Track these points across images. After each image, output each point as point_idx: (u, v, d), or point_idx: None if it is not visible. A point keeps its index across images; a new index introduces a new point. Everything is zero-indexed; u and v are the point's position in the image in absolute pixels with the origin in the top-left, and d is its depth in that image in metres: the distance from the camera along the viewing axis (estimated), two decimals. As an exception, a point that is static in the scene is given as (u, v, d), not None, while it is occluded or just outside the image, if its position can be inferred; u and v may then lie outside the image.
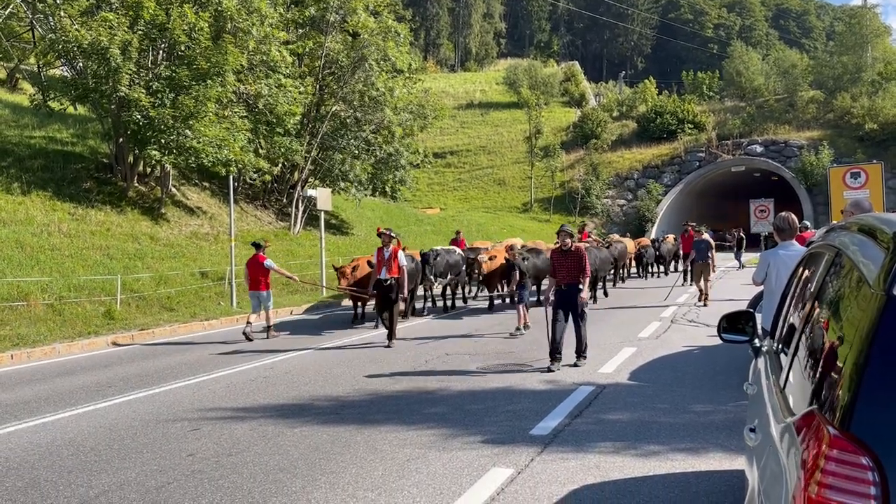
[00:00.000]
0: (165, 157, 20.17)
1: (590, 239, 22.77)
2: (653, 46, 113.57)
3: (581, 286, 9.76)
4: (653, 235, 36.63)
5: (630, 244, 26.04)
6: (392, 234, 12.45)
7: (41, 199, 19.32)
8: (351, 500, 5.11)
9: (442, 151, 54.12)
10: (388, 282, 12.10)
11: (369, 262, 13.41)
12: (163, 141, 19.72)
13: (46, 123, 24.38)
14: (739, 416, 6.52)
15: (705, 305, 16.54)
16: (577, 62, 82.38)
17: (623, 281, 24.26)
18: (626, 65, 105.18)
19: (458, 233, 24.12)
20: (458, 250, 17.76)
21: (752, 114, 51.78)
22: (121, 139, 21.33)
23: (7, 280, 14.42)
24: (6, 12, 26.50)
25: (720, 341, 4.32)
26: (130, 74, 19.20)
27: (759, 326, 4.56)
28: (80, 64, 20.40)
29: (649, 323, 14.06)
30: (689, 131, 50.84)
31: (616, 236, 28.79)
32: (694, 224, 21.30)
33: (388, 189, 33.30)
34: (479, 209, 46.28)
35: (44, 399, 8.67)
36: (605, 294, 19.76)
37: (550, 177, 49.45)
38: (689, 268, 20.18)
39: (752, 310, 5.00)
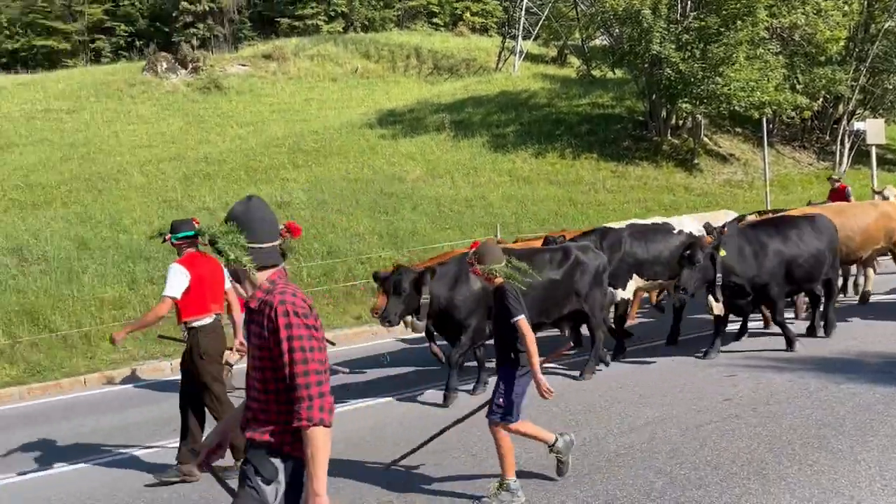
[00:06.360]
0: (696, 108, 20.48)
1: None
2: None
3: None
4: None
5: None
6: None
7: (588, 161, 21.67)
8: (909, 469, 4.54)
9: None
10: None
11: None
12: (693, 92, 20.04)
13: (590, 91, 27.01)
14: None
15: None
16: None
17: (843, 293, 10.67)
18: None
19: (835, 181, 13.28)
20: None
21: None
22: (654, 96, 22.38)
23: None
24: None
25: None
26: (661, 32, 19.92)
27: None
28: (617, 31, 22.01)
29: None
30: None
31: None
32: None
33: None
34: None
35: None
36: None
37: None
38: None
39: None
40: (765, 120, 18.91)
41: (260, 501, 2.60)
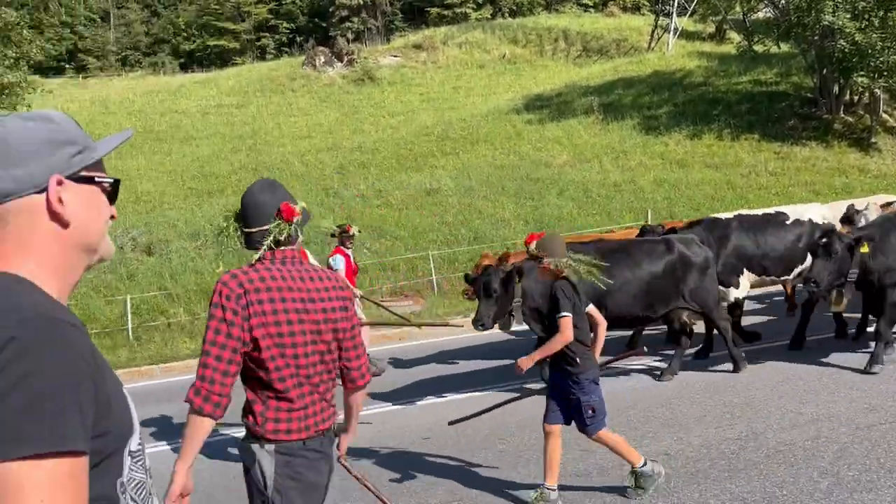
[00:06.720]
0: (875, 82, 18.72)
1: None
2: None
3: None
4: None
5: None
6: None
7: (748, 142, 20.42)
8: None
9: None
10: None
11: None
12: (871, 65, 18.33)
13: (751, 67, 25.39)
14: None
15: None
16: None
17: None
18: None
19: None
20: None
21: None
22: (825, 70, 20.68)
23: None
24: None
25: None
26: (834, 0, 18.36)
27: None
28: (783, 1, 20.53)
29: None
30: None
31: None
32: None
33: None
34: None
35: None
36: None
37: None
38: None
39: None
40: (957, 92, 16.99)
41: (258, 489, 2.48)
